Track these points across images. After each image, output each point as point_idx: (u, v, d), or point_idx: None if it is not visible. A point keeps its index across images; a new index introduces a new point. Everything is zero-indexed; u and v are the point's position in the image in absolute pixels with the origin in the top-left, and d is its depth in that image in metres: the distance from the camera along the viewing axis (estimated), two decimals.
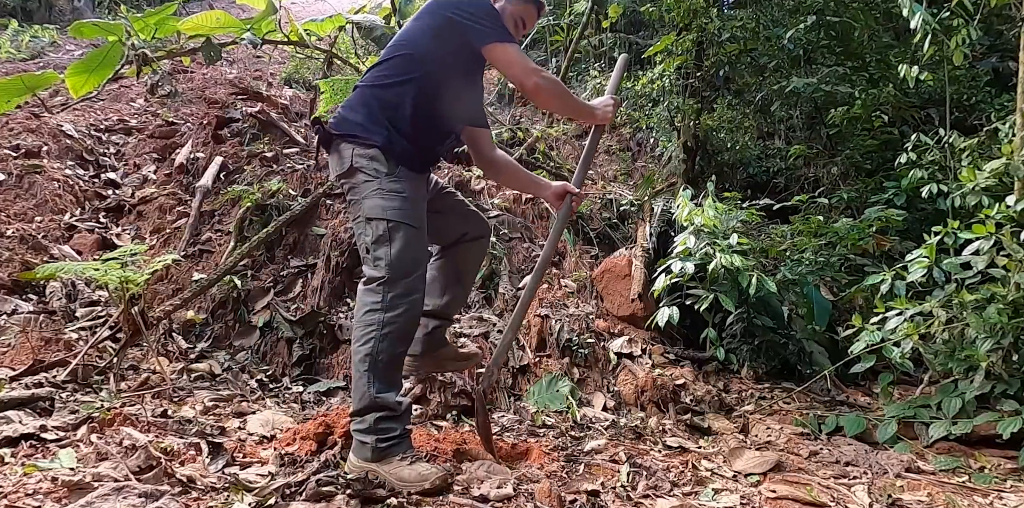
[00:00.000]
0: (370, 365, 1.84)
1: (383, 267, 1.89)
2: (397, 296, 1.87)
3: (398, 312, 1.86)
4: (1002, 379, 2.59)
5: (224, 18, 3.46)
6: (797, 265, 3.81)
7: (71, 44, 8.42)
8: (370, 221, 1.92)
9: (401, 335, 1.89)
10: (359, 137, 1.97)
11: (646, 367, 3.27)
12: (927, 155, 3.74)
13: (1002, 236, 2.67)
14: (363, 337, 1.86)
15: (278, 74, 7.15)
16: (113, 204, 4.38)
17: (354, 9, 4.44)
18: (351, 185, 1.99)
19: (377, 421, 1.82)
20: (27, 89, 3.00)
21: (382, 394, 1.84)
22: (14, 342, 2.83)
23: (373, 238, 1.91)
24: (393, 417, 1.84)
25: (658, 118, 5.87)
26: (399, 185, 1.95)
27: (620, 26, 7.41)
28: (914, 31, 2.99)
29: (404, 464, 1.77)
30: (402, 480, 1.74)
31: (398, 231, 1.91)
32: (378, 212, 1.92)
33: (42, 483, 1.46)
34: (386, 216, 1.91)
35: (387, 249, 1.89)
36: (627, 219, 4.52)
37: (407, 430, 1.89)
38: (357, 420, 1.85)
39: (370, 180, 1.95)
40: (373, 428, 1.82)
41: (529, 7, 2.17)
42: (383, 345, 1.84)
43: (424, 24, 2.03)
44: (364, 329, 1.86)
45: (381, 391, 1.84)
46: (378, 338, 1.84)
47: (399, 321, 1.86)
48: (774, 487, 2.03)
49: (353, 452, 1.85)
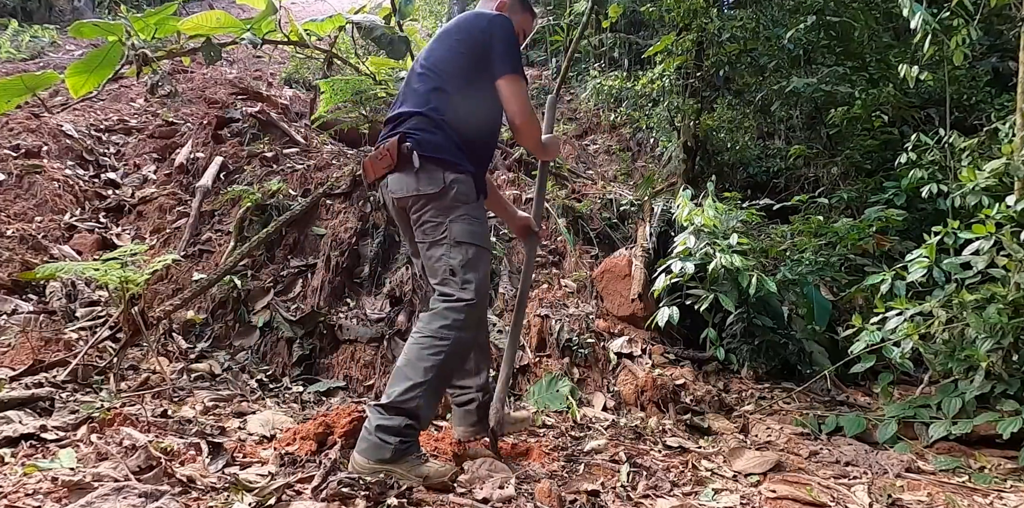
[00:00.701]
0: (431, 377, 1.87)
1: (471, 290, 1.94)
2: (477, 320, 2.00)
3: (467, 333, 1.94)
4: (1002, 379, 2.59)
5: (224, 18, 3.46)
6: (797, 265, 3.81)
7: (71, 44, 8.43)
8: (460, 244, 1.97)
9: (463, 351, 1.98)
10: (450, 161, 2.00)
11: (646, 367, 3.27)
12: (927, 155, 3.74)
13: (1002, 236, 2.67)
14: (434, 348, 1.89)
15: (278, 74, 7.15)
16: (113, 204, 4.37)
17: (354, 9, 4.45)
18: (438, 207, 1.98)
19: (406, 427, 1.85)
20: (27, 89, 3.00)
21: (426, 409, 1.88)
22: (14, 342, 2.83)
23: (463, 261, 1.96)
24: (415, 427, 1.88)
25: (658, 118, 5.87)
26: (480, 212, 2.06)
27: (620, 26, 7.41)
28: (914, 31, 3.00)
29: (419, 462, 1.83)
30: (422, 475, 1.80)
31: (483, 257, 2.01)
32: (468, 237, 1.97)
33: (42, 483, 1.46)
34: (475, 241, 1.98)
35: (475, 274, 1.97)
36: (627, 219, 4.52)
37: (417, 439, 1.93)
38: (384, 416, 1.85)
39: (459, 205, 1.99)
40: (399, 430, 1.83)
41: (528, 17, 2.33)
42: (449, 361, 1.90)
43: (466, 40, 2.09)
44: (438, 341, 1.89)
45: (427, 405, 1.88)
46: (449, 353, 1.89)
47: (467, 340, 1.95)
48: (774, 487, 2.03)
49: (365, 453, 1.83)
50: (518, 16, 2.25)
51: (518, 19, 2.23)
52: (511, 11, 2.23)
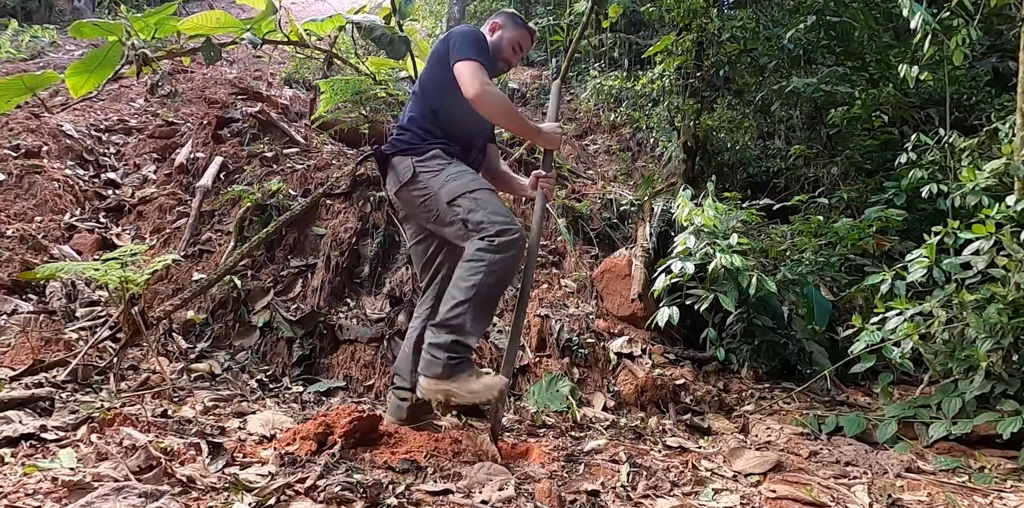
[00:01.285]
0: (473, 295, 2.02)
1: (487, 225, 2.07)
2: (506, 241, 2.06)
3: (507, 254, 2.05)
4: (1002, 379, 2.59)
5: (224, 18, 3.46)
6: (797, 265, 3.81)
7: (71, 44, 8.43)
8: (455, 202, 2.13)
9: (504, 275, 2.07)
10: (414, 149, 2.25)
11: (646, 367, 3.27)
12: (927, 155, 3.74)
13: (1002, 236, 2.67)
14: (470, 272, 2.04)
15: (278, 74, 7.15)
16: (113, 204, 4.37)
17: (354, 9, 4.44)
18: (418, 189, 2.21)
19: (453, 342, 2.01)
20: (27, 89, 3.00)
21: (472, 324, 2.03)
22: (14, 342, 2.82)
23: (466, 211, 2.11)
24: (465, 345, 2.03)
25: (658, 118, 5.87)
26: (460, 166, 2.23)
27: (620, 26, 7.42)
28: (914, 31, 3.00)
29: (472, 378, 1.99)
30: (472, 392, 1.96)
31: (482, 196, 2.13)
32: (456, 191, 2.14)
33: (42, 483, 1.46)
34: (466, 189, 2.14)
35: (483, 212, 2.10)
36: (627, 219, 4.52)
37: (470, 357, 2.07)
38: (435, 334, 2.04)
39: (437, 173, 2.19)
40: (447, 346, 2.01)
41: (523, 32, 2.45)
42: (489, 279, 2.03)
43: (433, 55, 2.34)
44: (473, 266, 2.04)
45: (472, 321, 2.03)
46: (486, 273, 2.03)
47: (507, 262, 2.05)
48: (774, 487, 2.03)
49: (423, 371, 2.05)
50: (511, 32, 2.42)
51: (511, 35, 2.42)
52: (504, 30, 2.42)
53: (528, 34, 2.46)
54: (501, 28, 2.43)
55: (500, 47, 2.41)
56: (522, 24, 2.45)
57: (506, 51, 2.43)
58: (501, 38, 2.42)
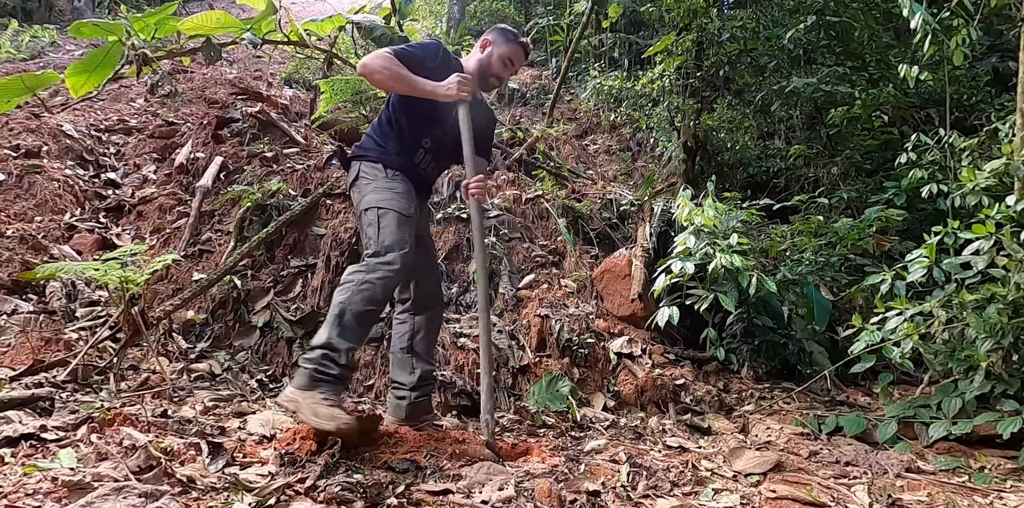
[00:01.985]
0: (339, 312, 2.11)
1: (372, 244, 2.21)
2: (379, 263, 2.15)
3: (377, 275, 2.13)
4: (1002, 379, 2.59)
5: (224, 18, 3.46)
6: (797, 265, 3.81)
7: (71, 44, 8.43)
8: (366, 211, 2.28)
9: (373, 295, 2.12)
10: (362, 155, 2.41)
11: (646, 367, 3.27)
12: (927, 155, 3.74)
13: (1002, 236, 2.67)
14: (341, 290, 2.14)
15: (278, 74, 7.15)
16: (113, 204, 4.37)
17: (354, 9, 4.44)
18: (356, 190, 2.37)
19: (322, 356, 2.07)
20: (27, 89, 3.00)
21: (337, 338, 2.08)
22: (14, 342, 2.83)
23: (367, 224, 2.26)
24: (336, 361, 2.07)
25: (658, 118, 5.87)
26: (391, 183, 2.33)
27: (620, 26, 7.42)
28: (914, 31, 3.00)
29: (324, 403, 1.97)
30: (315, 414, 1.94)
31: (386, 216, 2.23)
32: (371, 203, 2.27)
33: (42, 483, 1.46)
34: (376, 205, 2.26)
35: (375, 229, 2.23)
36: (627, 219, 4.52)
37: (342, 378, 2.10)
38: (309, 353, 2.11)
39: (369, 182, 2.34)
40: (316, 359, 2.07)
41: (515, 47, 2.48)
42: (355, 298, 2.11)
43: None
44: (344, 285, 2.15)
45: (338, 335, 2.09)
46: (354, 292, 2.12)
47: (376, 283, 2.12)
48: (774, 487, 2.03)
49: (291, 381, 2.13)
50: (502, 48, 2.46)
51: (502, 51, 2.45)
52: (495, 46, 2.46)
53: (520, 49, 2.48)
54: (492, 44, 2.47)
55: (490, 62, 2.45)
56: (513, 39, 2.48)
57: (495, 66, 2.46)
58: (491, 54, 2.46)
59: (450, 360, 3.11)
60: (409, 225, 2.26)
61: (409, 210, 2.29)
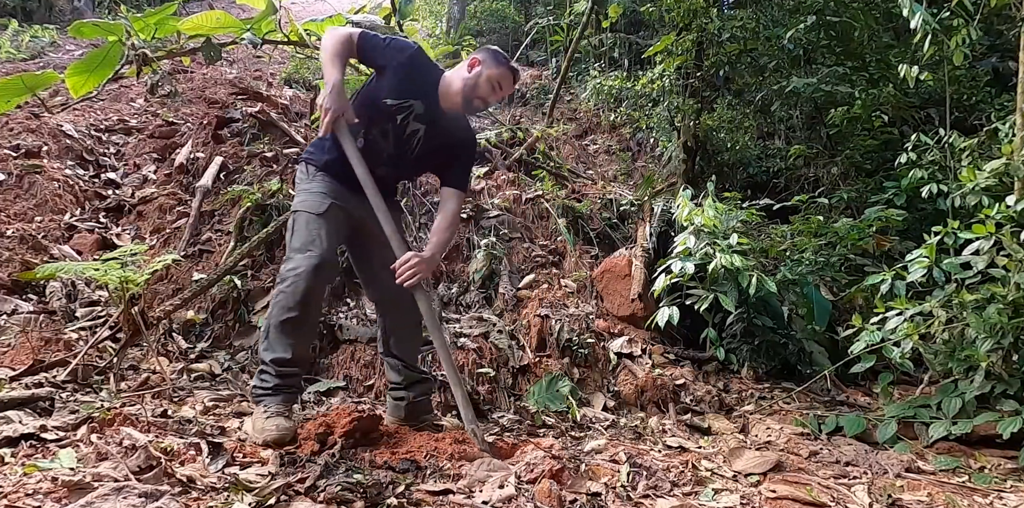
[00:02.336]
0: (264, 327, 2.21)
1: (290, 248, 2.22)
2: (286, 270, 2.16)
3: (286, 284, 2.14)
4: (1002, 379, 2.59)
5: (224, 18, 3.46)
6: (797, 265, 3.81)
7: (71, 44, 8.42)
8: (292, 215, 2.29)
9: (285, 303, 2.13)
10: (310, 157, 2.41)
11: (646, 367, 3.27)
12: (927, 155, 3.74)
13: (1002, 236, 2.67)
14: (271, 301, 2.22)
15: (278, 74, 7.15)
16: (113, 204, 4.37)
17: (354, 9, 4.44)
18: (295, 194, 2.39)
19: (259, 373, 2.19)
20: (27, 89, 3.00)
21: (265, 352, 2.18)
22: (14, 342, 2.82)
23: (289, 230, 2.27)
24: (269, 373, 2.15)
25: (658, 118, 5.88)
26: (310, 184, 2.32)
27: (620, 26, 7.42)
28: (914, 31, 2.99)
29: (262, 416, 2.06)
30: (253, 429, 2.05)
31: (299, 218, 2.25)
32: (297, 206, 2.28)
33: (42, 483, 1.46)
34: (293, 208, 2.29)
35: (289, 235, 2.25)
36: (627, 219, 4.52)
37: (280, 388, 2.15)
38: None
39: (297, 185, 2.39)
40: (259, 374, 2.19)
41: (505, 71, 2.33)
42: (273, 311, 2.16)
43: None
44: (272, 296, 2.22)
45: (265, 349, 2.18)
46: (272, 303, 2.18)
47: (285, 292, 2.13)
48: (774, 487, 2.03)
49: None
50: (491, 70, 2.30)
51: (491, 73, 2.30)
52: (484, 66, 2.30)
53: (510, 74, 2.34)
54: (481, 64, 2.31)
55: (477, 84, 2.29)
56: (504, 63, 2.33)
57: (483, 88, 2.30)
58: (479, 74, 2.29)
59: None
60: (319, 223, 2.20)
61: (320, 208, 2.22)
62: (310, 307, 2.18)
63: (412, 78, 2.27)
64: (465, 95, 2.30)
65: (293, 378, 2.21)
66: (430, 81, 2.32)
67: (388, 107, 2.28)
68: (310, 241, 2.18)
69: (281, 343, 2.16)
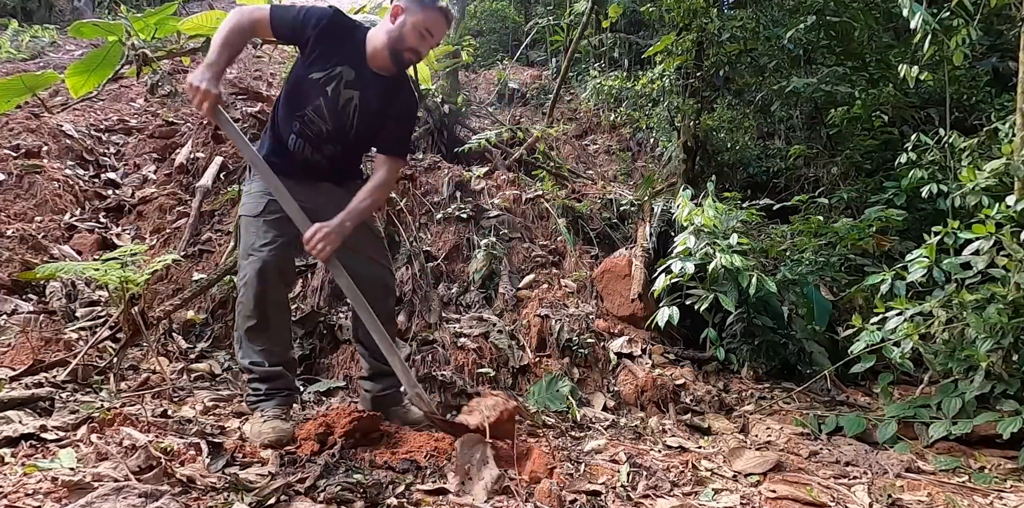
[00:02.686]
0: (236, 337, 2.25)
1: (239, 254, 2.23)
2: (238, 279, 2.21)
3: (241, 293, 2.16)
4: (1002, 379, 2.59)
5: (224, 18, 3.45)
6: (797, 265, 3.81)
7: (71, 44, 8.42)
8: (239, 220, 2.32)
9: (243, 310, 2.16)
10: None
11: (646, 367, 3.27)
12: (927, 155, 3.74)
13: (1002, 236, 2.67)
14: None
15: (278, 74, 7.15)
16: (113, 204, 4.37)
17: (354, 9, 4.44)
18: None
19: (249, 381, 2.23)
20: (27, 89, 3.00)
21: (243, 359, 2.21)
22: (14, 342, 2.82)
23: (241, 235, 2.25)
24: (256, 379, 2.19)
25: (658, 118, 5.88)
26: (251, 186, 2.26)
27: (620, 26, 7.42)
28: (914, 31, 2.99)
29: (259, 420, 2.08)
30: (251, 433, 2.06)
31: (241, 223, 2.24)
32: (241, 210, 2.26)
33: (42, 483, 1.46)
34: (243, 212, 2.24)
35: (242, 240, 2.22)
36: (627, 219, 4.52)
37: (272, 392, 2.17)
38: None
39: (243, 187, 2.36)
40: (248, 385, 2.23)
41: (433, 14, 2.06)
42: (238, 321, 2.21)
43: None
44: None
45: (243, 356, 2.21)
46: (236, 314, 2.23)
47: (242, 301, 2.17)
48: (774, 487, 2.03)
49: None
50: (416, 16, 2.05)
51: (415, 19, 2.05)
52: (407, 14, 2.06)
53: (440, 16, 2.07)
54: (404, 12, 2.05)
55: (402, 34, 2.04)
56: (430, 4, 2.06)
57: (410, 39, 2.05)
58: (403, 24, 2.04)
59: (450, 360, 3.11)
60: (257, 225, 2.14)
61: (256, 208, 2.15)
62: (267, 311, 2.12)
63: (334, 43, 2.07)
64: (392, 48, 2.06)
65: (280, 380, 2.21)
66: (355, 42, 2.11)
67: (315, 81, 2.08)
68: (250, 245, 2.14)
69: (252, 350, 2.20)
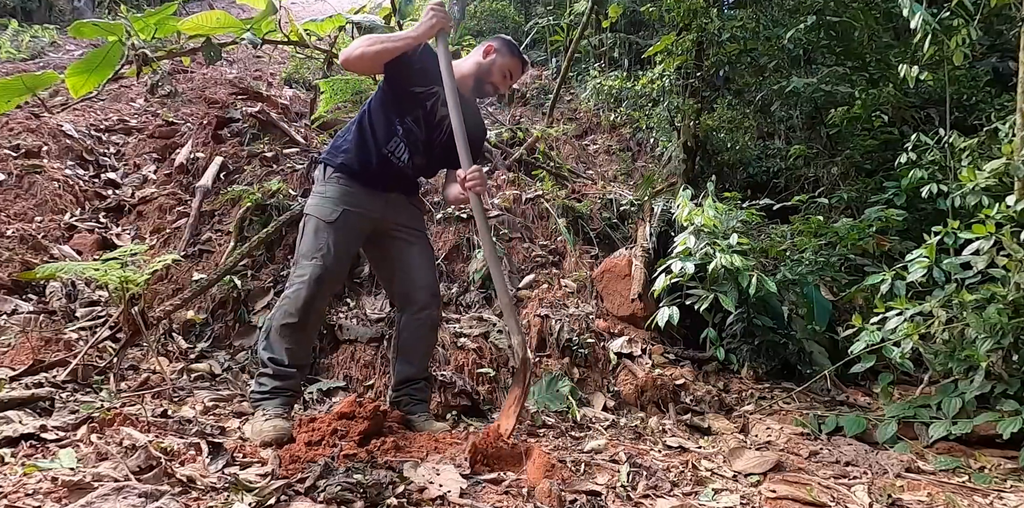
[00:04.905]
0: (266, 327, 2.28)
1: (297, 253, 2.29)
2: (294, 275, 2.25)
3: (292, 289, 2.22)
4: (1002, 379, 2.59)
5: (224, 18, 3.45)
6: (797, 265, 3.81)
7: (71, 44, 8.43)
8: (303, 218, 2.35)
9: (289, 308, 2.21)
10: (329, 158, 2.41)
11: (646, 367, 3.27)
12: (927, 155, 3.74)
13: (1002, 236, 2.67)
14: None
15: (278, 74, 7.15)
16: (113, 204, 4.37)
17: (354, 9, 4.44)
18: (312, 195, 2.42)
19: (259, 374, 2.25)
20: (27, 89, 3.00)
21: (263, 351, 2.25)
22: (14, 342, 2.82)
23: (300, 233, 2.33)
24: (268, 375, 2.21)
25: (658, 118, 5.87)
26: (324, 188, 2.34)
27: (620, 26, 7.42)
28: (914, 31, 2.99)
29: (261, 418, 2.10)
30: (251, 431, 2.09)
31: (309, 223, 2.30)
32: (309, 210, 2.33)
33: (42, 483, 1.46)
34: (306, 211, 2.34)
35: (299, 237, 2.32)
36: (627, 219, 4.52)
37: (277, 391, 2.20)
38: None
39: (314, 186, 2.41)
40: (256, 380, 2.26)
41: (516, 61, 2.45)
42: (276, 314, 2.24)
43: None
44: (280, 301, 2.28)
45: (264, 349, 2.25)
46: (277, 306, 2.26)
47: (290, 297, 2.21)
48: (774, 487, 2.03)
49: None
50: (505, 59, 2.42)
51: (504, 62, 2.42)
52: (499, 55, 2.43)
53: (520, 64, 2.47)
54: (496, 52, 2.43)
55: (490, 70, 2.42)
56: (517, 54, 2.46)
57: (495, 75, 2.43)
58: (493, 62, 2.43)
59: (450, 360, 3.11)
60: (329, 231, 2.25)
61: (331, 215, 2.27)
62: (310, 314, 2.25)
63: (433, 63, 2.31)
64: (477, 77, 2.41)
65: (290, 381, 2.25)
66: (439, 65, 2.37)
67: (416, 94, 2.34)
68: (317, 249, 2.24)
69: (279, 346, 2.24)
